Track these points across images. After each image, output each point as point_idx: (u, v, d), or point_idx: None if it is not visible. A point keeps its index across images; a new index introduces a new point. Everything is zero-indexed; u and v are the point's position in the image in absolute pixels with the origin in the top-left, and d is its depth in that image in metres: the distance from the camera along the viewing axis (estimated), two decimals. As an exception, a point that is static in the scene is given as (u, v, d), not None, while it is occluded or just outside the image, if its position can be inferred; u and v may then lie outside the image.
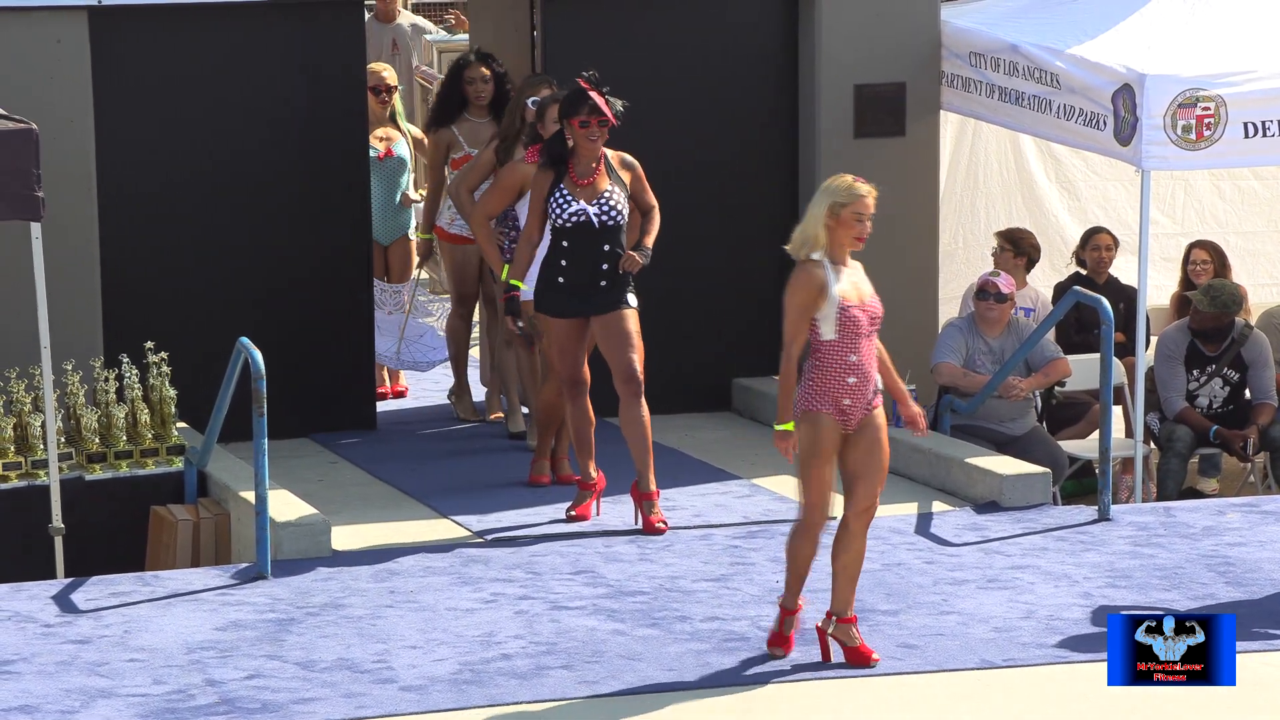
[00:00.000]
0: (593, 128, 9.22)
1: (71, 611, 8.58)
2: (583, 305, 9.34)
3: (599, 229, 9.28)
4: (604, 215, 9.28)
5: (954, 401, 10.87)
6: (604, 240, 9.30)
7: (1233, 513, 9.81)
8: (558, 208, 9.28)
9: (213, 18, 10.98)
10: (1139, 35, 11.05)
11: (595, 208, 9.27)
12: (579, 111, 9.22)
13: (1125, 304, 11.70)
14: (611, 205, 9.30)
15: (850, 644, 7.92)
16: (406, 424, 11.86)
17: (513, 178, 10.06)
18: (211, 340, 10.72)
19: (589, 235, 9.29)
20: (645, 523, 9.42)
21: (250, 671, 7.89)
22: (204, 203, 11.12)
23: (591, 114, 9.20)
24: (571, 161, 9.30)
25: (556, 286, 9.37)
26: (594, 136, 9.24)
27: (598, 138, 9.25)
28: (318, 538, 9.24)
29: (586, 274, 9.31)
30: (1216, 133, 10.57)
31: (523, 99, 10.36)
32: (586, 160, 9.30)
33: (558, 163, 9.31)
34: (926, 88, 11.77)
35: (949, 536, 9.56)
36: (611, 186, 9.32)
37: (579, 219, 9.26)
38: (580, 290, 9.32)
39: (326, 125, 11.24)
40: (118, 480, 9.85)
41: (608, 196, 9.29)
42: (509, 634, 8.28)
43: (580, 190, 9.28)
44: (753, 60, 11.75)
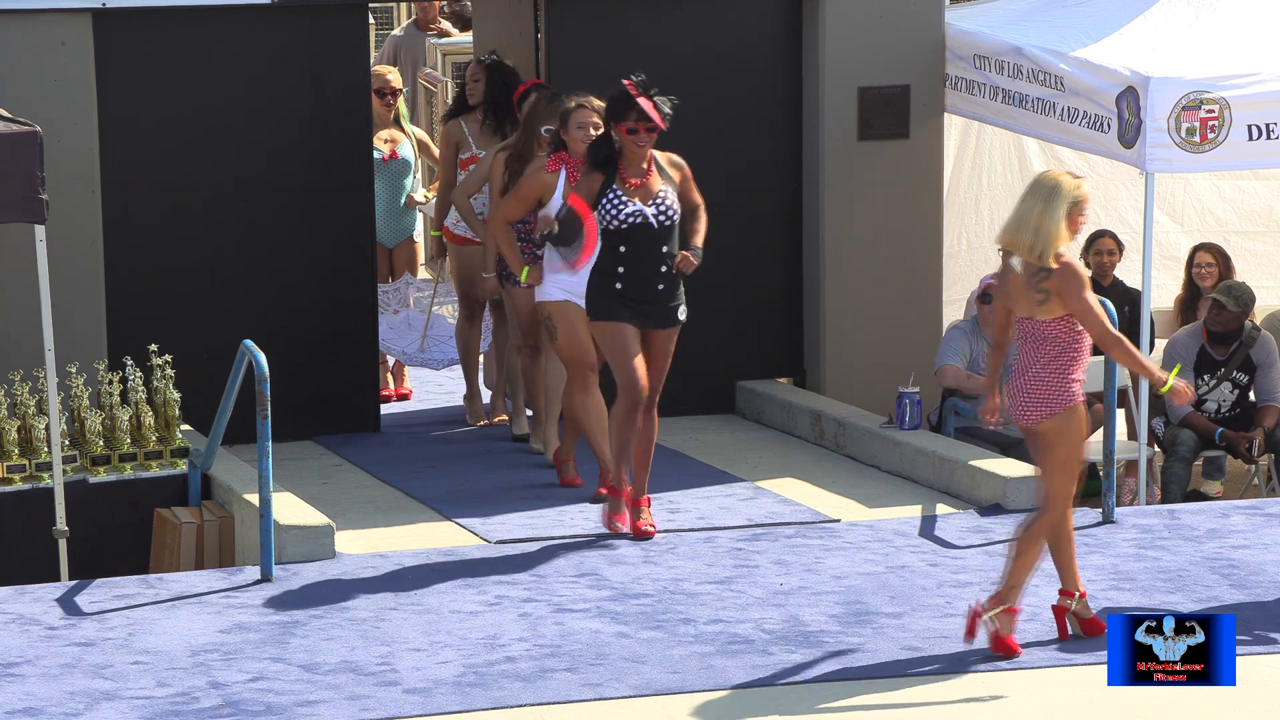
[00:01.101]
0: (640, 134, 9.06)
1: (75, 614, 8.58)
2: (641, 317, 9.20)
3: (657, 230, 9.13)
4: (661, 215, 9.13)
5: (958, 404, 10.87)
6: (662, 241, 9.14)
7: (1237, 515, 9.80)
8: (612, 209, 9.10)
9: (217, 20, 10.99)
10: (1143, 38, 11.05)
11: (652, 208, 9.12)
12: (626, 117, 9.06)
13: (1130, 306, 11.69)
14: (668, 205, 9.16)
15: (1086, 616, 8.15)
16: (410, 426, 11.86)
17: (532, 186, 9.91)
18: (215, 343, 10.72)
19: (648, 236, 9.12)
20: (633, 527, 9.42)
21: (254, 674, 7.89)
22: (208, 205, 11.12)
23: (639, 120, 9.04)
24: (621, 162, 9.14)
25: (613, 294, 9.19)
26: (642, 142, 9.08)
27: (645, 143, 9.09)
28: (321, 540, 9.24)
29: (645, 277, 9.14)
30: (1220, 135, 10.57)
31: (538, 127, 10.30)
32: (636, 162, 9.14)
33: (606, 164, 9.13)
34: (930, 90, 11.78)
35: (953, 539, 9.56)
36: (665, 186, 9.17)
37: (636, 220, 9.10)
38: (638, 296, 9.16)
39: (331, 128, 11.24)
40: (122, 483, 9.85)
41: (663, 196, 9.15)
42: (513, 636, 8.28)
43: (634, 191, 9.11)
44: (757, 63, 11.75)
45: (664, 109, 9.05)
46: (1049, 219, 7.94)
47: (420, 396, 12.62)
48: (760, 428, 11.60)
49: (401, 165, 12.10)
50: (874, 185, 11.76)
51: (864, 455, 10.93)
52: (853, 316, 11.80)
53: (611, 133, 9.13)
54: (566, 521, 9.80)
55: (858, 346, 11.78)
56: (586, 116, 9.77)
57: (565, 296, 9.75)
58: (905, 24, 11.70)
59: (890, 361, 11.51)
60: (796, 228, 11.94)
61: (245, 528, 9.45)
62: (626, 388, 9.23)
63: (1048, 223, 7.94)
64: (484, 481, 10.51)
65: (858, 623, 8.41)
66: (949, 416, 10.88)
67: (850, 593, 8.77)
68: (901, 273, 11.83)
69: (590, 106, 9.78)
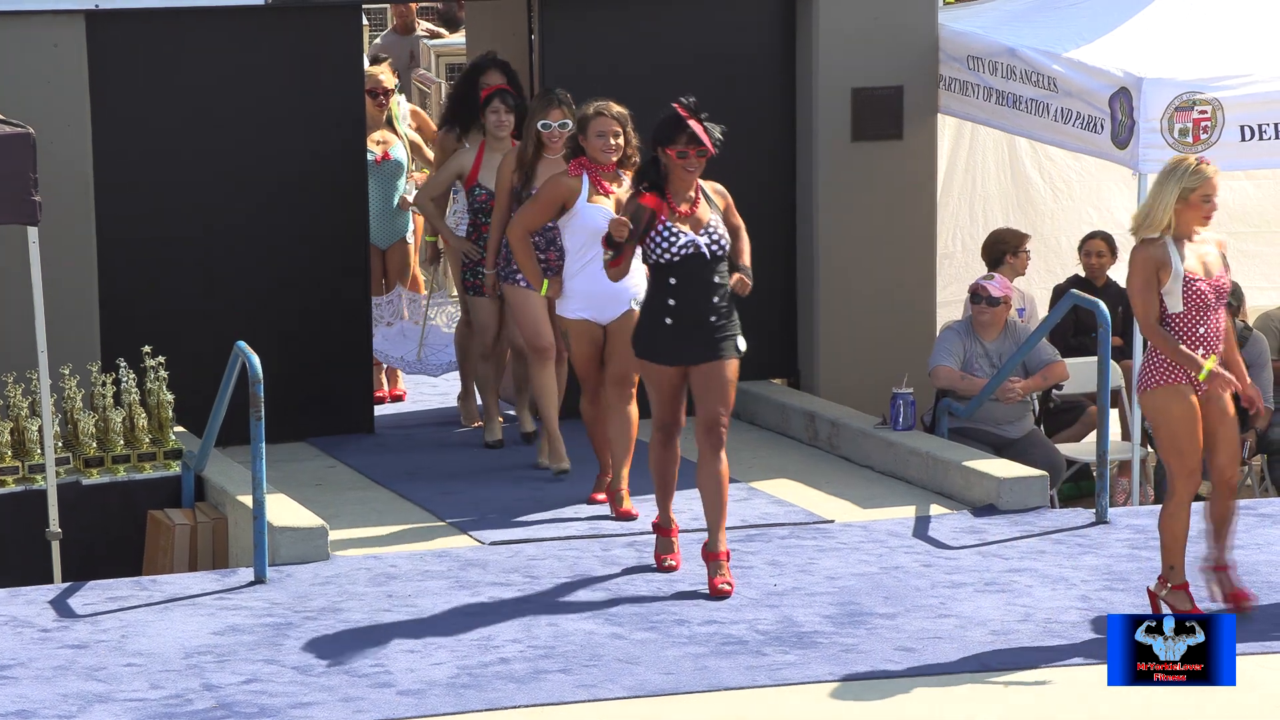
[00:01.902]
0: (691, 158, 8.64)
1: (68, 616, 8.58)
2: (692, 352, 8.73)
3: (709, 259, 8.68)
4: (714, 245, 8.69)
5: (951, 405, 10.87)
6: (712, 272, 8.70)
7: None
8: (664, 241, 8.66)
9: (210, 21, 10.98)
10: (1136, 39, 11.05)
11: (705, 237, 8.68)
12: (676, 141, 8.63)
13: (1124, 307, 11.70)
14: (720, 234, 8.73)
15: (1231, 588, 8.43)
16: (404, 428, 11.86)
17: (555, 192, 9.65)
18: (209, 344, 10.71)
19: (701, 266, 8.67)
20: (710, 584, 8.74)
21: (248, 676, 7.89)
22: (201, 206, 11.12)
23: (690, 144, 8.62)
24: (668, 189, 8.69)
25: (664, 329, 8.72)
26: (692, 167, 8.65)
27: (695, 168, 8.66)
28: (315, 542, 9.23)
29: (699, 309, 8.69)
30: (1213, 136, 10.58)
31: (534, 124, 10.20)
32: (683, 190, 8.71)
33: (654, 192, 8.68)
34: (924, 91, 11.78)
35: (946, 539, 9.56)
36: (713, 215, 8.76)
37: (689, 250, 8.65)
38: (690, 330, 8.70)
39: (325, 129, 11.24)
40: (115, 485, 9.85)
41: (714, 226, 8.72)
42: (507, 638, 8.28)
43: (684, 221, 8.68)
44: (750, 64, 11.76)
45: (714, 133, 8.65)
46: (1155, 199, 8.21)
47: (414, 398, 12.61)
48: (754, 428, 11.60)
49: (394, 167, 12.10)
50: (868, 186, 11.76)
51: (858, 456, 10.94)
52: (847, 317, 11.81)
53: (659, 158, 8.70)
54: (560, 522, 9.79)
55: (852, 347, 11.78)
56: (607, 125, 9.53)
57: (582, 315, 9.62)
58: (899, 25, 11.70)
59: (884, 362, 11.51)
60: (790, 229, 11.94)
61: (239, 529, 9.45)
62: (659, 425, 8.89)
63: (1152, 202, 8.22)
64: (478, 482, 10.50)
65: (852, 623, 8.41)
66: (943, 417, 10.88)
67: (844, 593, 8.77)
68: (895, 273, 11.83)
69: (609, 114, 9.55)
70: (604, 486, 9.91)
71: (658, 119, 8.70)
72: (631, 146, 9.64)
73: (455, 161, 10.95)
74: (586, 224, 9.57)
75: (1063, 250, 12.90)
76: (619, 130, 9.56)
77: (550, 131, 10.15)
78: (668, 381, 8.80)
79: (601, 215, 9.44)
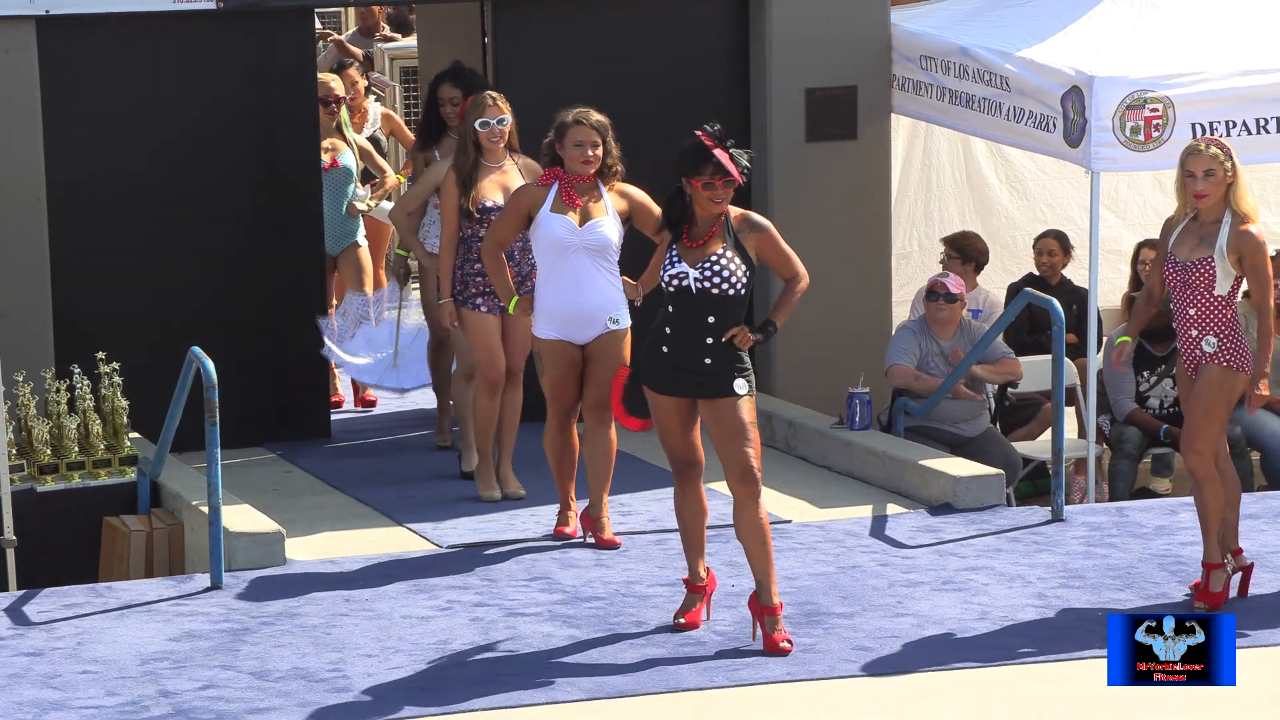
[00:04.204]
0: (717, 189, 8.03)
1: (23, 624, 8.54)
2: (688, 386, 8.16)
3: (697, 295, 8.06)
4: (704, 281, 8.05)
5: (908, 404, 10.90)
6: (706, 310, 8.07)
7: (1185, 512, 9.84)
8: (667, 267, 8.17)
9: (163, 26, 10.95)
10: (1087, 38, 11.09)
11: (697, 271, 8.05)
12: (702, 171, 8.03)
13: (1078, 305, 11.74)
14: (716, 271, 8.05)
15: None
16: (361, 432, 11.83)
17: (519, 202, 9.27)
18: (164, 350, 10.68)
19: (688, 302, 8.09)
20: (768, 641, 8.13)
21: (204, 682, 7.87)
22: (155, 212, 11.08)
23: (716, 174, 8.01)
24: (688, 223, 8.16)
25: (660, 356, 8.19)
26: (718, 199, 8.06)
27: (722, 200, 8.07)
28: (271, 547, 9.21)
29: (689, 346, 8.11)
30: (1165, 134, 10.62)
31: (470, 124, 9.85)
32: (704, 221, 8.12)
33: (676, 224, 8.17)
34: (878, 91, 11.81)
35: (903, 539, 9.58)
36: (724, 250, 8.08)
37: (679, 283, 8.10)
38: (683, 364, 8.14)
39: (278, 134, 11.22)
40: (70, 491, 9.81)
41: (714, 260, 8.06)
42: (465, 641, 8.27)
43: (688, 252, 8.12)
44: (704, 65, 11.77)
45: (741, 161, 8.07)
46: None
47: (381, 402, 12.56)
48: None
49: (343, 174, 12.08)
50: (823, 186, 11.78)
51: (815, 456, 10.95)
52: (803, 317, 11.79)
53: (684, 187, 8.12)
54: (517, 526, 9.79)
55: (808, 347, 11.79)
56: (585, 134, 9.15)
57: (557, 335, 9.28)
58: (851, 25, 11.72)
59: (840, 362, 11.53)
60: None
61: (195, 535, 9.42)
62: (672, 465, 8.37)
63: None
64: (435, 486, 10.49)
65: (809, 623, 8.42)
66: (899, 416, 10.90)
67: (801, 593, 8.78)
68: (851, 273, 11.85)
69: (588, 123, 9.18)
70: (568, 520, 9.58)
71: (682, 148, 8.13)
72: (612, 157, 9.27)
73: (430, 174, 10.48)
74: (547, 234, 9.21)
75: (1018, 249, 12.94)
76: (598, 140, 9.19)
77: (489, 130, 9.79)
78: (666, 411, 8.25)
79: (561, 226, 9.18)
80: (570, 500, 9.61)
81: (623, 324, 9.36)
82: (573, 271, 9.23)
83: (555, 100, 9.70)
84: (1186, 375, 8.58)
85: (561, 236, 9.19)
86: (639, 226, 9.33)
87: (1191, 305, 8.46)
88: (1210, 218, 8.47)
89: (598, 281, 9.23)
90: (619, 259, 9.30)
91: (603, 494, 9.47)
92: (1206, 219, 8.48)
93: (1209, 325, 8.45)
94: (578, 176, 9.24)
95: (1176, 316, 8.55)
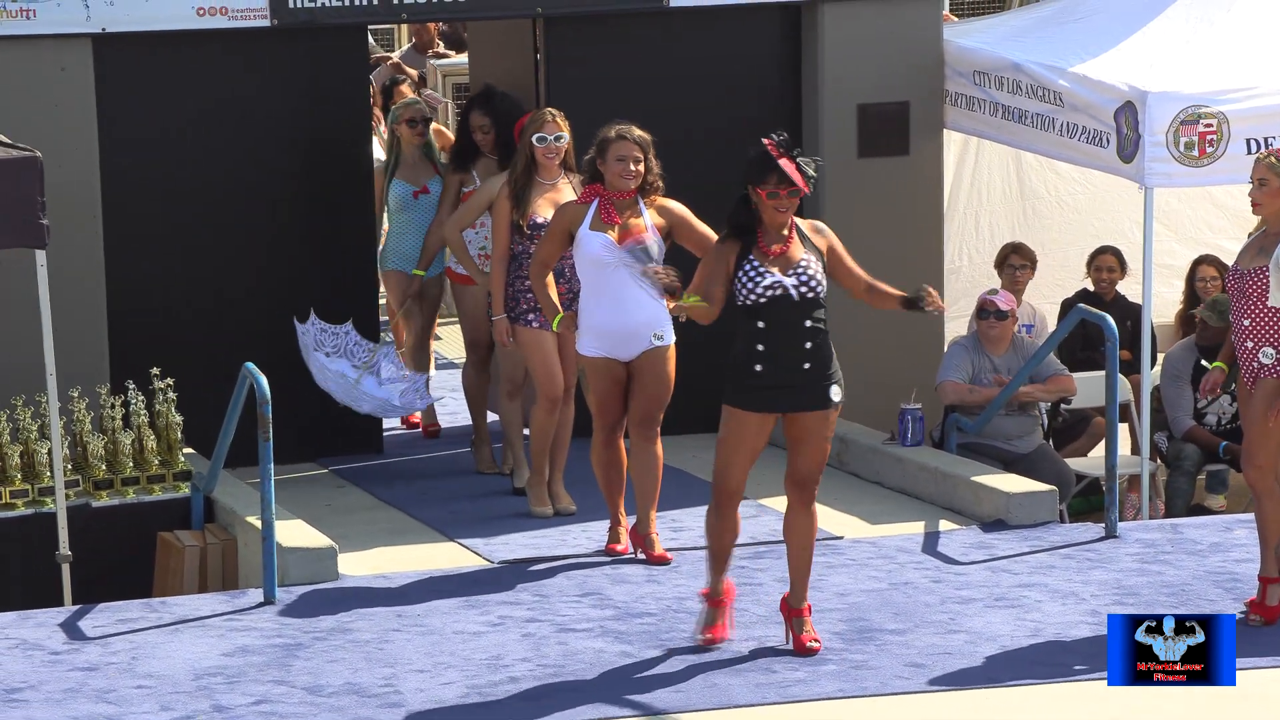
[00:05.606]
0: (782, 198, 8.08)
1: (79, 639, 8.59)
2: (787, 399, 8.18)
3: (798, 301, 8.10)
4: (803, 286, 8.11)
5: (960, 420, 10.87)
6: (805, 315, 8.14)
7: (1240, 529, 9.79)
8: (749, 282, 8.10)
9: (217, 44, 11.00)
10: (1141, 53, 11.06)
11: (792, 279, 8.10)
12: (766, 181, 8.08)
13: (1132, 321, 11.69)
14: (810, 275, 8.14)
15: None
16: (413, 448, 11.86)
17: (560, 220, 9.28)
18: (217, 365, 10.72)
19: (788, 310, 8.10)
20: (797, 641, 8.30)
21: (258, 697, 7.89)
22: (210, 228, 11.13)
23: (780, 184, 8.05)
24: (760, 230, 8.16)
25: (755, 377, 8.14)
26: (783, 208, 8.10)
27: (787, 209, 8.11)
28: (324, 562, 9.24)
29: (789, 355, 8.12)
30: (1219, 149, 10.58)
31: (527, 138, 9.88)
32: (776, 229, 8.16)
33: (745, 233, 8.16)
34: (930, 107, 11.79)
35: (956, 555, 9.56)
36: (807, 255, 8.17)
37: (775, 292, 8.08)
38: (782, 378, 8.14)
39: (332, 151, 11.25)
40: (124, 507, 9.86)
41: (804, 266, 8.14)
42: (516, 656, 8.28)
43: (774, 260, 8.13)
44: (756, 81, 11.76)
45: (807, 171, 8.09)
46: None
47: (423, 417, 12.59)
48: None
49: (433, 201, 11.67)
50: (874, 202, 11.76)
51: (866, 472, 10.93)
52: (854, 333, 11.77)
53: (749, 195, 8.17)
54: (569, 541, 9.80)
55: (859, 363, 11.71)
56: (628, 150, 9.14)
57: (601, 352, 9.26)
58: (904, 41, 11.71)
59: (892, 378, 11.50)
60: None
61: (248, 550, 9.45)
62: (715, 482, 8.37)
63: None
64: (486, 502, 10.50)
65: (861, 640, 8.40)
66: (951, 432, 10.88)
67: (854, 610, 8.77)
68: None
69: (630, 138, 9.16)
70: (619, 537, 9.58)
71: (748, 156, 8.17)
72: (653, 174, 9.25)
73: (484, 191, 10.41)
74: (586, 253, 9.21)
75: (1070, 264, 12.89)
76: (639, 156, 9.17)
77: (546, 145, 9.80)
78: (753, 433, 8.21)
79: (600, 244, 9.17)
80: (620, 516, 9.61)
81: (667, 340, 9.37)
82: (615, 288, 9.23)
83: (606, 116, 9.68)
84: (1245, 388, 8.54)
85: (600, 254, 9.20)
86: (680, 241, 9.33)
87: (1247, 315, 8.43)
88: (1275, 228, 8.45)
89: (640, 298, 9.19)
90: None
91: (650, 510, 9.46)
92: (1272, 229, 8.47)
93: (1264, 336, 8.41)
94: (618, 192, 9.22)
95: (1234, 327, 8.51)
